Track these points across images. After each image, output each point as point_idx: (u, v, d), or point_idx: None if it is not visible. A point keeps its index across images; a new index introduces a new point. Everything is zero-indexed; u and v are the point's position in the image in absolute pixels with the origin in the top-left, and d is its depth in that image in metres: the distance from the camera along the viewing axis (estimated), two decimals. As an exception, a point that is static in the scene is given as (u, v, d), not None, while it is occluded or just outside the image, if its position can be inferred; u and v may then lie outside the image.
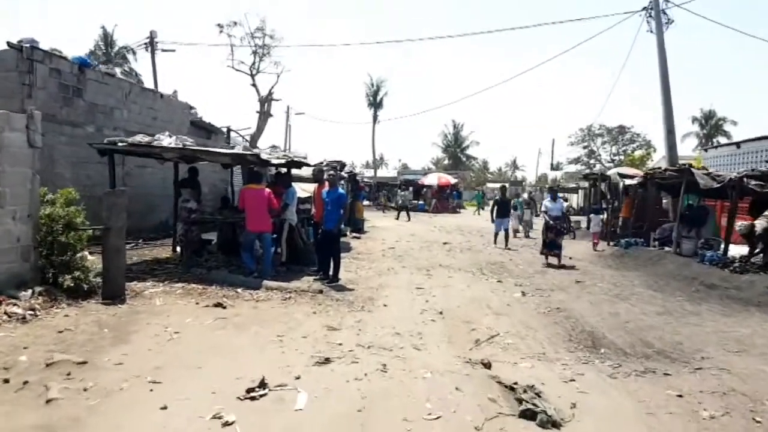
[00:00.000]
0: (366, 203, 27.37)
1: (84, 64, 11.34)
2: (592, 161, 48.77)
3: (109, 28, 41.14)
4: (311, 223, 9.93)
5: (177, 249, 9.91)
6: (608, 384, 4.21)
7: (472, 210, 33.34)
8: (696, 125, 44.92)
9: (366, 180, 34.61)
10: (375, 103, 44.76)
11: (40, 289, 5.72)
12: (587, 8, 65.85)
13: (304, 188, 12.36)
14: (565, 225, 11.70)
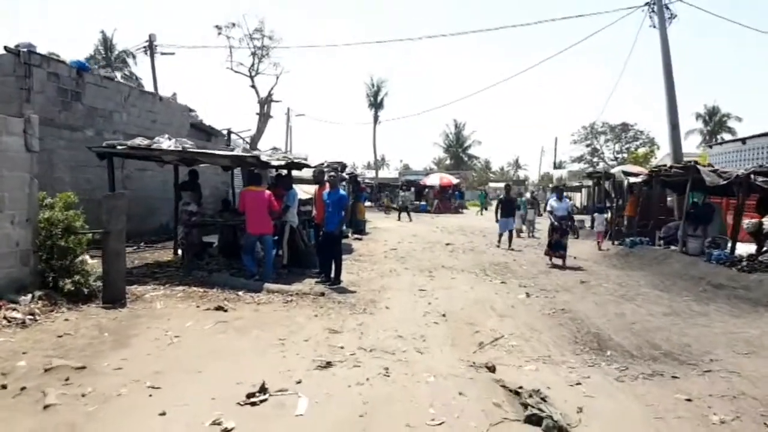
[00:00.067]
0: (368, 204, 27.31)
1: (82, 68, 11.32)
2: (595, 159, 48.57)
3: (109, 33, 41.25)
4: (312, 225, 9.87)
5: (178, 252, 9.87)
6: (615, 387, 4.13)
7: (475, 210, 33.23)
8: (700, 122, 44.69)
9: (367, 181, 34.61)
10: (376, 104, 44.75)
11: (40, 294, 5.70)
12: (588, 5, 65.71)
13: (305, 190, 12.31)
14: (571, 225, 11.60)
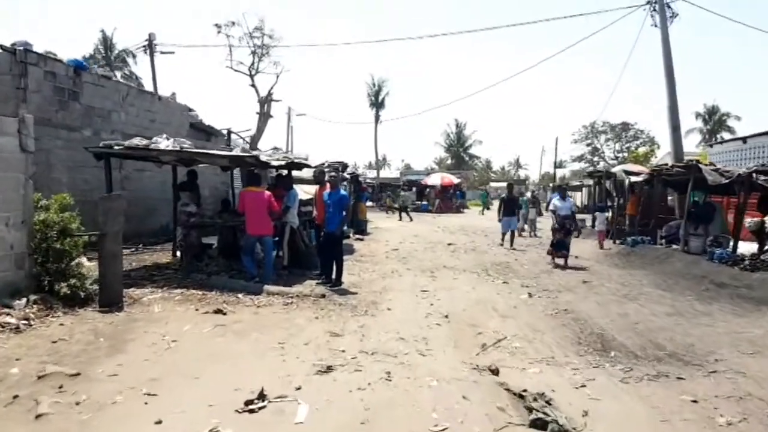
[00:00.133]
0: (369, 204, 27.23)
1: (80, 67, 11.20)
2: (596, 159, 48.55)
3: (108, 32, 41.15)
4: (313, 226, 9.79)
5: (177, 254, 9.79)
6: (620, 389, 4.06)
7: (477, 210, 33.14)
8: (699, 121, 44.70)
9: (369, 181, 34.54)
10: (377, 103, 44.73)
11: (35, 298, 5.61)
12: (589, 4, 65.50)
13: (306, 190, 12.22)
14: (574, 224, 11.54)
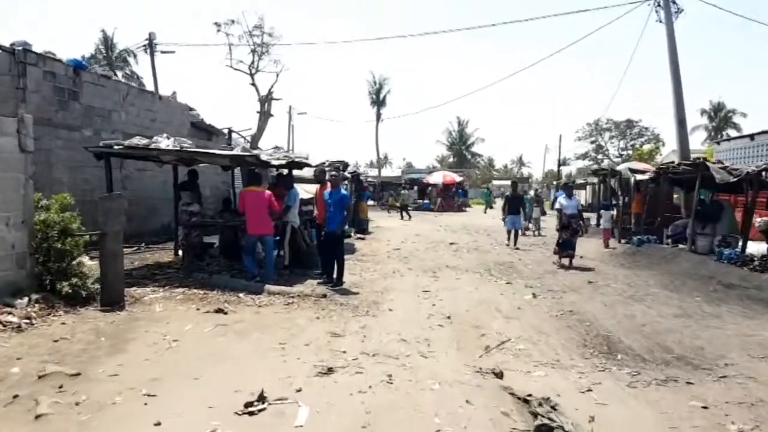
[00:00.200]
0: (370, 203, 27.14)
1: (79, 66, 11.16)
2: (600, 156, 48.28)
3: (109, 32, 41.26)
4: (314, 225, 9.74)
5: (179, 253, 9.77)
6: (627, 394, 3.98)
7: (480, 208, 32.99)
8: (705, 118, 44.38)
9: (370, 180, 34.43)
10: (378, 102, 44.71)
11: (37, 297, 5.60)
12: (592, 0, 64.82)
13: (307, 189, 12.16)
14: (581, 223, 11.36)
